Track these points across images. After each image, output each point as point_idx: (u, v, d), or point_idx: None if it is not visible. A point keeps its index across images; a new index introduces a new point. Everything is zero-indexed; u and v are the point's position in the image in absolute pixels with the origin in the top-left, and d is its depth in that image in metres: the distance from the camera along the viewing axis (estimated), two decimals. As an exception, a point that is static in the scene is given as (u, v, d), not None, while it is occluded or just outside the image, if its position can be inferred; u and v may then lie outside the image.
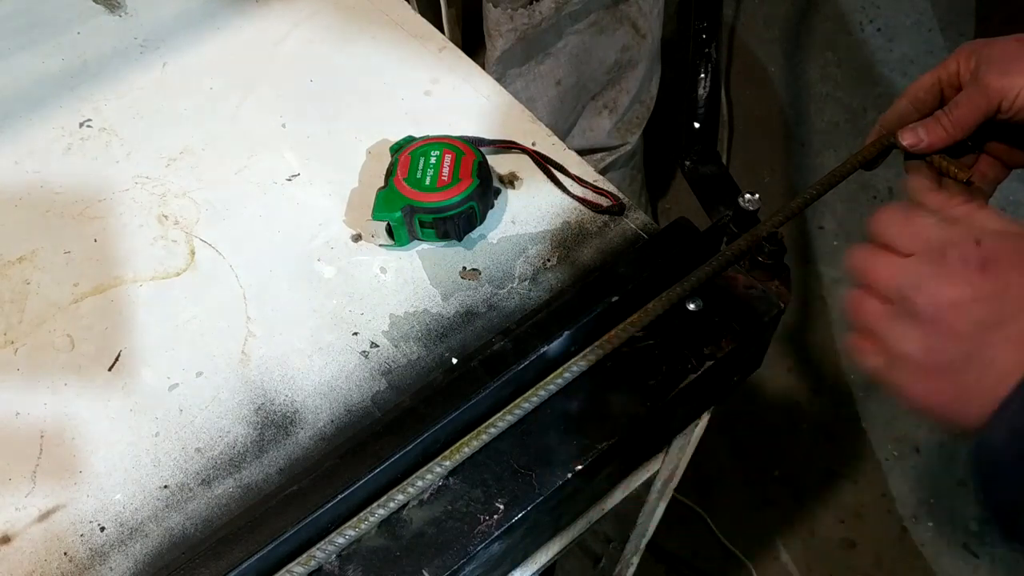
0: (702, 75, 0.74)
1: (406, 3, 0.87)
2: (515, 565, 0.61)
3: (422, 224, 0.67)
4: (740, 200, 0.66)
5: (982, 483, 0.43)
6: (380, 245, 0.68)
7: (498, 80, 0.84)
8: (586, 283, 0.64)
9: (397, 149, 0.70)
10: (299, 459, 0.58)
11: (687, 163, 0.72)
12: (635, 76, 1.56)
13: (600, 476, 0.60)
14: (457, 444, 0.55)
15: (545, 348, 0.58)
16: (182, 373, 0.62)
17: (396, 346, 0.63)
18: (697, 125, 0.73)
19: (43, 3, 0.85)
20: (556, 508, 0.58)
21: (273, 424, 0.60)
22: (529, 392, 0.57)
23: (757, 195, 0.66)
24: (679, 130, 0.76)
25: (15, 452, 0.58)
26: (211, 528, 0.55)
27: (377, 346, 0.63)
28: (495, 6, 1.28)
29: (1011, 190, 1.95)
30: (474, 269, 0.68)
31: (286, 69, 0.81)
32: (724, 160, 1.81)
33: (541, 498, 0.54)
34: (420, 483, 0.53)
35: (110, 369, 0.62)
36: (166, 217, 0.71)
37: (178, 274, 0.67)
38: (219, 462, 0.58)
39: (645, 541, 1.03)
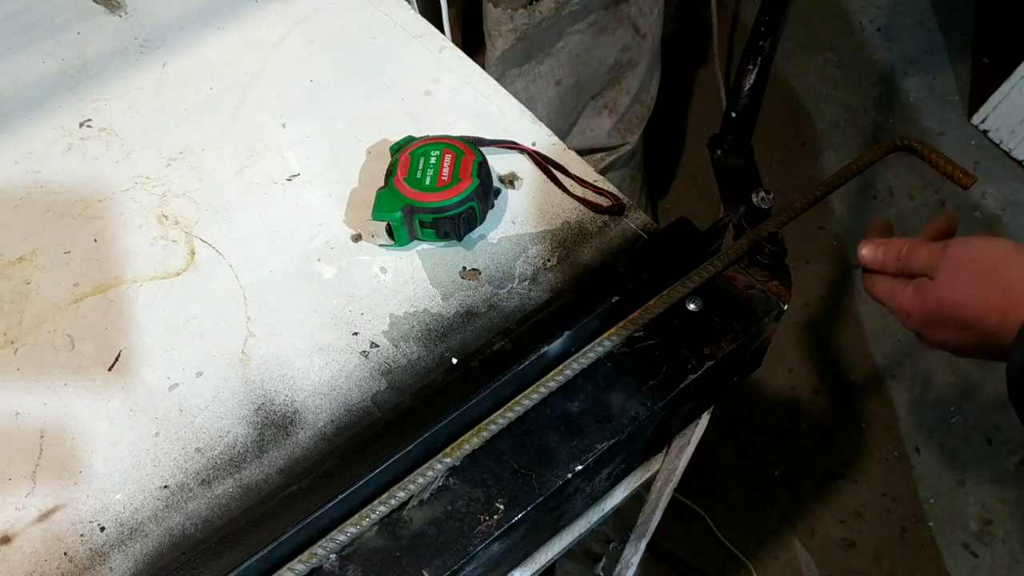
0: (750, 67, 0.74)
1: (406, 3, 0.87)
2: (515, 565, 0.61)
3: (422, 224, 0.67)
4: (753, 197, 0.66)
5: (1015, 398, 0.54)
6: (380, 245, 0.68)
7: (498, 80, 0.84)
8: (586, 283, 0.64)
9: (397, 149, 0.70)
10: (299, 459, 0.58)
11: (717, 151, 0.73)
12: (635, 76, 1.56)
13: (600, 476, 0.60)
14: (458, 441, 0.55)
15: (545, 348, 0.58)
16: (182, 373, 0.62)
17: (396, 346, 0.63)
18: (734, 115, 0.74)
19: (43, 3, 0.85)
20: (556, 508, 0.58)
21: (273, 424, 0.60)
22: (530, 389, 0.57)
23: (772, 194, 0.67)
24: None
25: (15, 452, 0.58)
26: (211, 528, 0.55)
27: (377, 346, 0.63)
28: (495, 6, 1.28)
29: (1010, 190, 1.95)
30: (474, 269, 0.68)
31: (286, 69, 0.81)
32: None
33: (541, 498, 0.54)
34: (421, 479, 0.53)
35: (110, 369, 0.62)
36: (166, 217, 0.71)
37: (178, 274, 0.67)
38: (219, 462, 0.58)
39: (645, 541, 1.03)
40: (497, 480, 0.55)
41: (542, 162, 0.73)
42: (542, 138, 0.76)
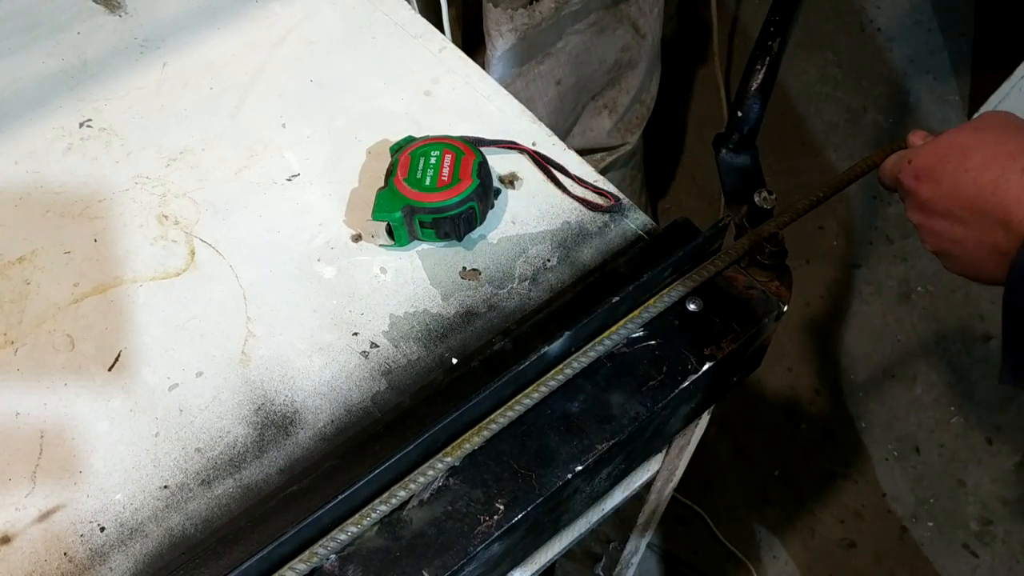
0: (758, 66, 0.74)
1: (406, 3, 0.87)
2: (515, 565, 0.61)
3: (422, 224, 0.67)
4: (756, 197, 0.66)
5: (1010, 308, 0.52)
6: (380, 245, 0.68)
7: (498, 80, 0.84)
8: (586, 283, 0.64)
9: (397, 149, 0.70)
10: (299, 459, 0.58)
11: (722, 150, 0.73)
12: (635, 76, 1.56)
13: (600, 476, 0.60)
14: (458, 441, 0.55)
15: (545, 348, 0.58)
16: (182, 373, 0.62)
17: (396, 346, 0.63)
18: (740, 113, 0.73)
19: (43, 3, 0.85)
20: (556, 508, 0.58)
21: (273, 424, 0.60)
22: (530, 388, 0.57)
23: (774, 194, 0.66)
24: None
25: (15, 452, 0.58)
26: (211, 528, 0.55)
27: (377, 346, 0.63)
28: (495, 6, 1.28)
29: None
30: (474, 269, 0.68)
31: (286, 69, 0.81)
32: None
33: (541, 498, 0.54)
34: (421, 479, 0.53)
35: (110, 369, 0.62)
36: (166, 217, 0.71)
37: (178, 274, 0.67)
38: (219, 462, 0.58)
39: (645, 541, 1.03)
40: (497, 480, 0.55)
41: (542, 162, 0.73)
42: (542, 138, 0.76)
